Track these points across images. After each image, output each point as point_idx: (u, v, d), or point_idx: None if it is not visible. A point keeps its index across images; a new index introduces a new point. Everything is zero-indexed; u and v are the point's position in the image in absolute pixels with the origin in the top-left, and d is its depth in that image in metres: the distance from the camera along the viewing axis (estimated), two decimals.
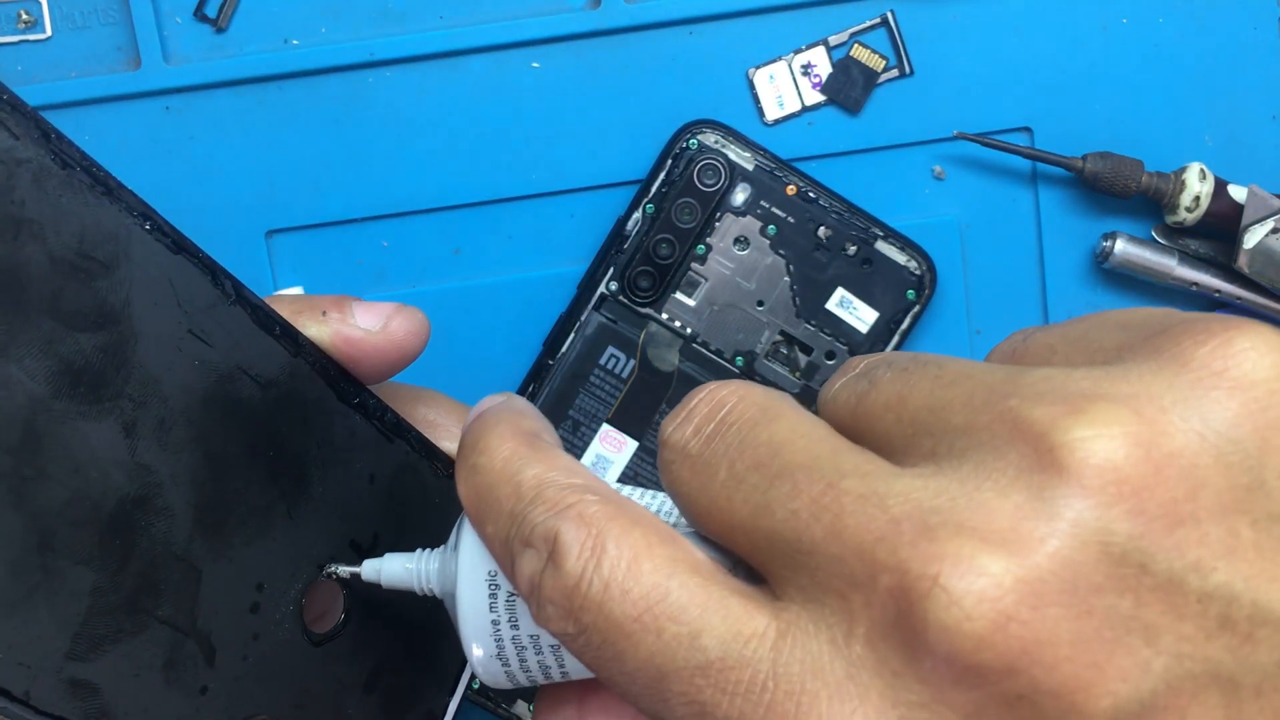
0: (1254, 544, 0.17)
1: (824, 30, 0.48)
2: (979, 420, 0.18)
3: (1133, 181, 0.47)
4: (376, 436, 0.29)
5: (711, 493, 0.20)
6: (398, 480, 0.30)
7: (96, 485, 0.23)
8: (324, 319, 0.28)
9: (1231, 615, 0.16)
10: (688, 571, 0.20)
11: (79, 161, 0.23)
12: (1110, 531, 0.17)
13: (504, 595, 0.24)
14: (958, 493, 0.18)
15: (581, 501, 0.21)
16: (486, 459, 0.23)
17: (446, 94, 0.48)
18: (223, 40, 0.48)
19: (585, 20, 0.48)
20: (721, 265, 0.47)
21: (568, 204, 0.49)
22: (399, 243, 0.49)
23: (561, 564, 0.20)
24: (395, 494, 0.30)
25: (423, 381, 0.50)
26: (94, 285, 0.23)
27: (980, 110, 0.48)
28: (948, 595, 0.17)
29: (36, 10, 0.47)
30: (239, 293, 0.26)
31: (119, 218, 0.24)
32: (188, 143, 0.48)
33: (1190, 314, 0.19)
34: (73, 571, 0.23)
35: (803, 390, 0.48)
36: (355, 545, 0.29)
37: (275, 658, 0.27)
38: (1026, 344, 0.21)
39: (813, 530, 0.18)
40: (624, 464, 0.48)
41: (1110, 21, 0.48)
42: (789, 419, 0.20)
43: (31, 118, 0.22)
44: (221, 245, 0.48)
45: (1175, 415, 0.17)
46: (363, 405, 0.29)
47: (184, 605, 0.25)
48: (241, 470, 0.26)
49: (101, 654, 0.23)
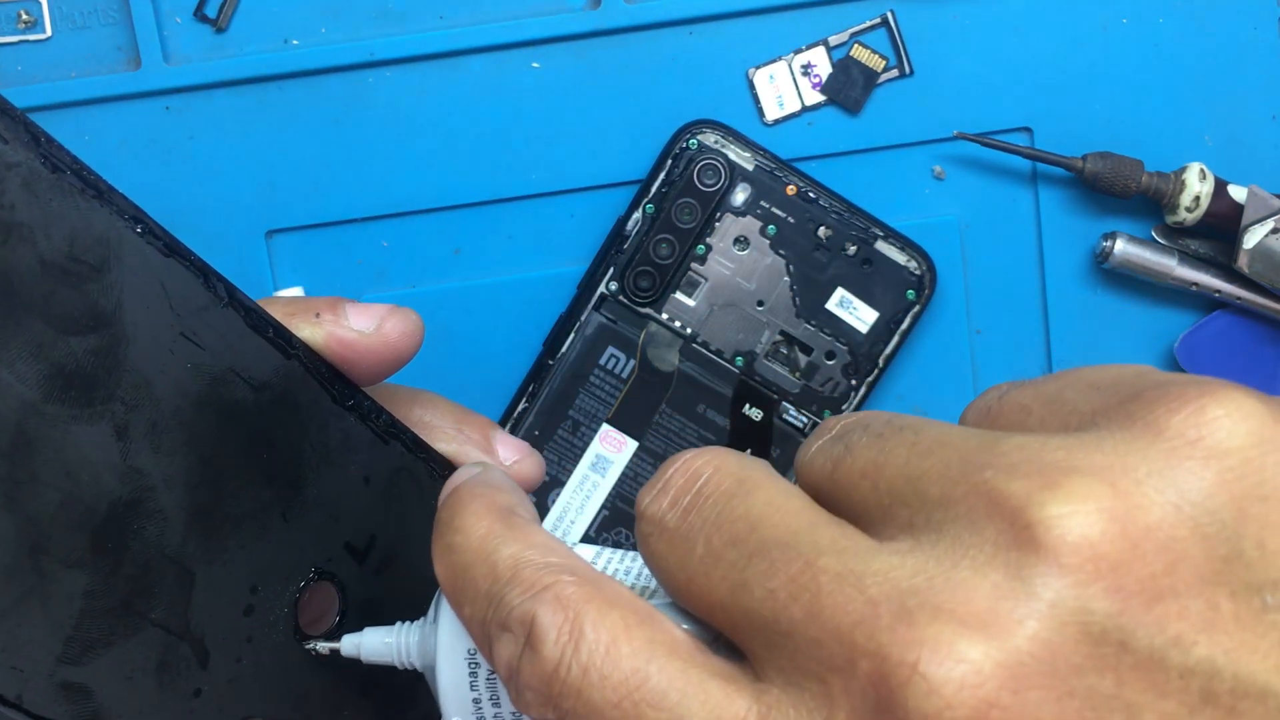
0: (1234, 616, 0.17)
1: (824, 30, 0.48)
2: (955, 493, 0.18)
3: (1133, 181, 0.47)
4: (371, 438, 0.29)
5: (689, 569, 0.20)
6: (393, 482, 0.29)
7: (89, 489, 0.23)
8: (317, 321, 0.28)
9: (1214, 689, 0.16)
10: (667, 654, 0.19)
11: (69, 165, 0.23)
12: (1089, 610, 0.17)
13: (485, 673, 0.24)
14: (935, 571, 0.17)
15: (558, 583, 0.20)
16: (462, 538, 0.23)
17: (446, 94, 0.48)
18: (223, 40, 0.48)
19: (585, 20, 0.48)
20: (721, 265, 0.47)
21: (568, 204, 0.49)
22: (399, 243, 0.49)
23: (539, 649, 0.20)
24: (391, 496, 0.29)
25: (423, 381, 0.50)
26: (85, 289, 0.23)
27: (980, 110, 0.48)
28: (927, 683, 0.17)
29: (36, 10, 0.47)
30: (231, 295, 0.26)
31: (110, 221, 0.24)
32: (188, 143, 0.48)
33: (1164, 376, 0.19)
34: (65, 575, 0.23)
35: (802, 390, 0.48)
36: (350, 548, 0.29)
37: (269, 660, 0.27)
38: (1001, 403, 0.21)
39: (790, 611, 0.18)
40: (624, 464, 0.48)
41: (1110, 21, 0.48)
42: (765, 490, 0.20)
43: (21, 121, 0.22)
44: (221, 245, 0.48)
45: (1150, 487, 0.17)
46: (357, 407, 0.29)
47: (177, 608, 0.25)
48: (235, 473, 0.26)
49: (94, 657, 0.23)
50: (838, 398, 0.48)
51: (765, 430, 0.48)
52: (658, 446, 0.48)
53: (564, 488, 0.48)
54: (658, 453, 0.48)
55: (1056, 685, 0.16)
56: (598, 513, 0.48)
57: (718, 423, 0.48)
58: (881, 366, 0.48)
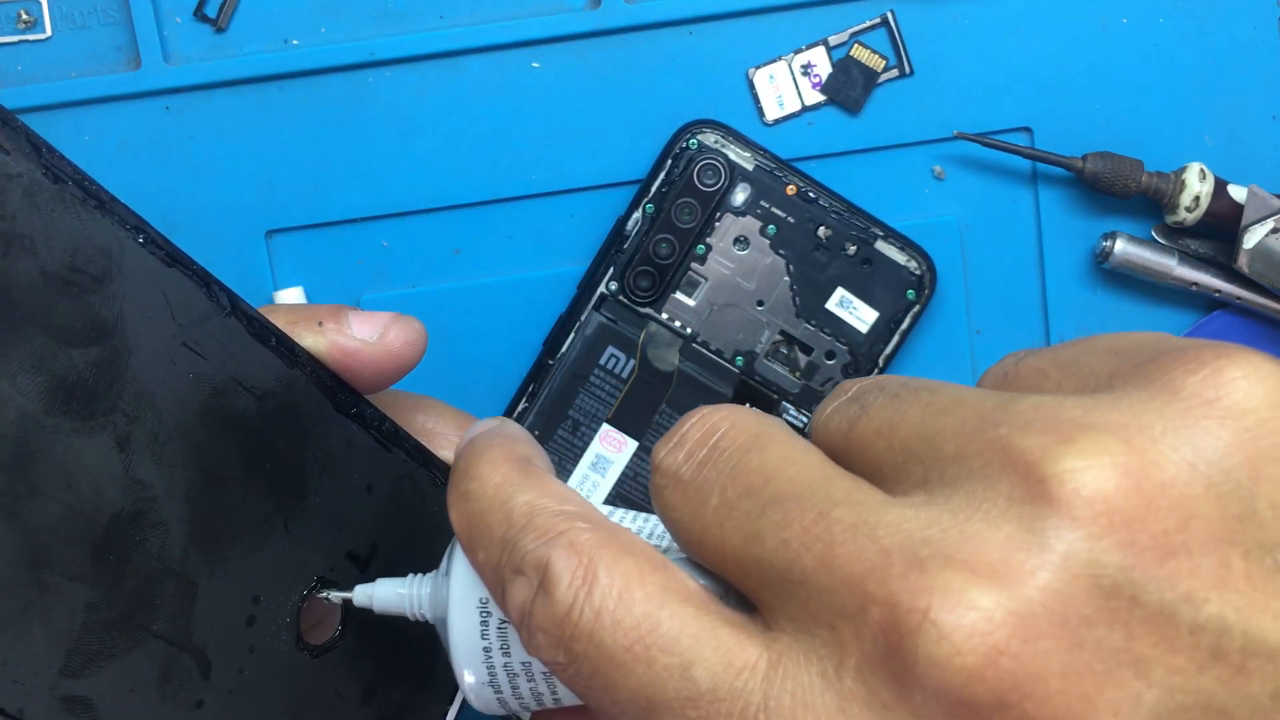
0: (1245, 575, 0.17)
1: (824, 30, 0.48)
2: (970, 448, 0.18)
3: (1133, 181, 0.47)
4: (374, 446, 0.29)
5: (703, 520, 0.20)
6: (396, 490, 0.29)
7: (90, 501, 0.23)
8: (320, 330, 0.28)
9: (1223, 646, 0.16)
10: (679, 601, 0.20)
11: (71, 175, 0.23)
12: (1101, 564, 0.17)
13: (495, 622, 0.24)
14: (948, 523, 0.18)
15: (573, 529, 0.21)
16: (478, 485, 0.23)
17: (446, 94, 0.48)
18: (223, 40, 0.48)
19: (585, 20, 0.48)
20: (721, 265, 0.47)
21: (568, 204, 0.49)
22: (399, 243, 0.49)
23: (552, 592, 0.20)
24: (394, 503, 0.29)
25: (423, 381, 0.50)
26: (87, 300, 0.23)
27: (980, 110, 0.48)
28: (938, 629, 0.17)
29: (36, 10, 0.47)
30: (234, 304, 0.26)
31: (112, 231, 0.24)
32: (188, 142, 0.48)
33: (1181, 340, 0.19)
34: (67, 588, 0.23)
35: (802, 390, 0.48)
36: (353, 556, 0.29)
37: (272, 670, 0.27)
38: (1018, 368, 0.21)
39: (803, 560, 0.18)
40: (624, 464, 0.48)
41: (1110, 21, 0.48)
42: (781, 445, 0.20)
43: (23, 132, 0.22)
44: (221, 245, 0.48)
45: (1166, 445, 0.17)
46: (360, 415, 0.29)
47: (179, 619, 0.25)
48: (237, 483, 0.26)
49: (96, 670, 0.23)
50: None
51: None
52: (650, 470, 0.48)
53: None
54: None
55: (1067, 636, 0.16)
56: None
57: None
58: (881, 366, 0.48)
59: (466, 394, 0.49)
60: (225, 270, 0.48)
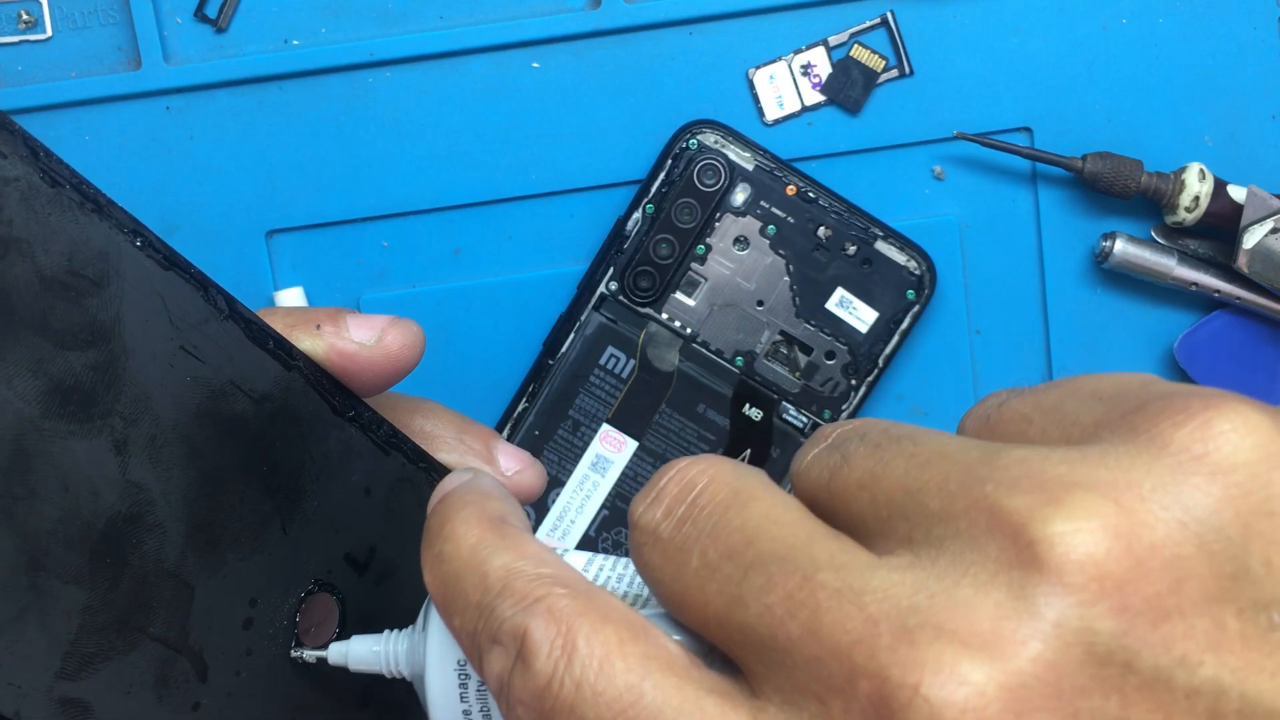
0: (1240, 635, 0.16)
1: (824, 30, 0.48)
2: (955, 507, 0.18)
3: (1132, 181, 0.47)
4: (372, 449, 0.29)
5: (684, 581, 0.20)
6: (394, 493, 0.29)
7: (87, 504, 0.23)
8: (318, 333, 0.28)
9: (1220, 709, 0.16)
10: (662, 670, 0.19)
11: (68, 179, 0.23)
12: (1094, 630, 0.16)
13: (474, 685, 0.24)
14: (936, 589, 0.17)
15: (550, 595, 0.20)
16: (452, 546, 0.22)
17: (446, 94, 0.48)
18: (223, 40, 0.48)
19: (585, 20, 0.48)
20: (721, 265, 0.48)
21: (568, 204, 0.49)
22: (399, 243, 0.49)
23: (531, 663, 0.19)
24: (392, 506, 0.29)
25: (423, 382, 0.50)
26: (84, 303, 0.23)
27: (980, 110, 0.48)
28: (930, 705, 0.16)
29: (37, 10, 0.47)
30: (231, 307, 0.26)
31: (109, 234, 0.24)
32: (188, 143, 0.48)
33: (1168, 386, 0.18)
34: (63, 590, 0.23)
35: (802, 390, 0.48)
36: (351, 559, 0.29)
37: (269, 673, 0.27)
38: (1001, 411, 0.20)
39: (788, 628, 0.18)
40: (624, 464, 0.48)
41: (1110, 21, 0.48)
42: (762, 502, 0.20)
43: (20, 135, 0.22)
44: (222, 245, 0.48)
45: (1155, 504, 0.17)
46: (358, 418, 0.29)
47: (176, 622, 0.25)
48: (235, 486, 0.26)
49: (93, 672, 0.23)
50: (837, 398, 0.48)
51: (765, 430, 0.48)
52: (658, 446, 0.48)
53: (564, 488, 0.48)
54: (658, 453, 0.48)
55: (1061, 707, 0.16)
56: (598, 512, 0.48)
57: (718, 423, 0.48)
58: (881, 366, 0.48)
59: (466, 394, 0.49)
60: (225, 270, 0.48)
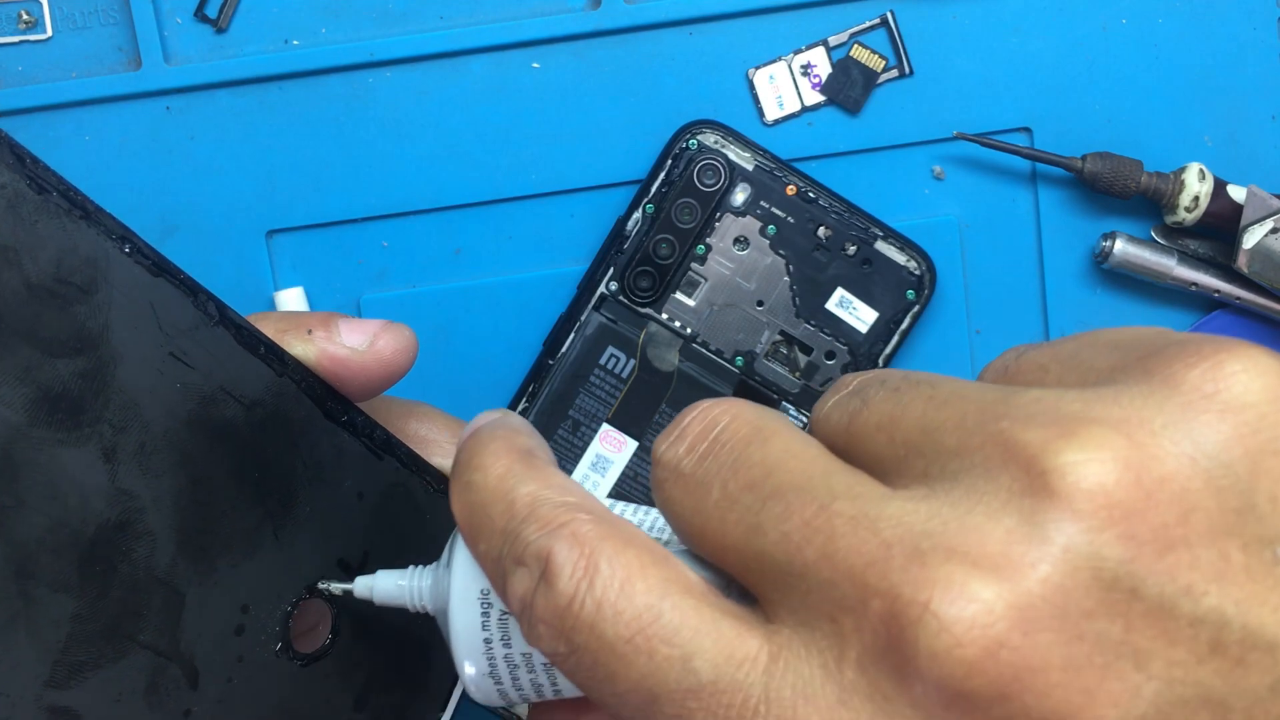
0: (1245, 568, 0.17)
1: (824, 30, 0.48)
2: (971, 442, 0.18)
3: (1132, 182, 0.47)
4: (365, 454, 0.29)
5: (704, 513, 0.20)
6: (388, 497, 0.29)
7: (76, 512, 0.23)
8: (309, 338, 0.28)
9: (1223, 639, 0.17)
10: (680, 593, 0.20)
11: (55, 185, 0.23)
12: (1101, 556, 0.17)
13: (496, 613, 0.24)
14: (949, 516, 0.18)
15: (575, 520, 0.21)
16: (480, 476, 0.23)
17: (447, 94, 0.48)
18: (223, 41, 0.48)
19: (585, 21, 0.48)
20: (721, 265, 0.48)
21: (568, 204, 0.49)
22: (399, 243, 0.49)
23: (554, 583, 0.20)
24: (385, 511, 0.29)
25: (423, 382, 0.50)
26: (72, 310, 0.23)
27: (980, 110, 0.48)
28: (939, 621, 0.17)
29: (37, 10, 0.47)
30: (222, 313, 0.26)
31: (97, 241, 0.24)
32: (188, 143, 0.48)
33: (1182, 335, 0.19)
34: (52, 599, 0.23)
35: (802, 390, 0.48)
36: (343, 564, 0.28)
37: (261, 679, 0.27)
38: (1019, 362, 0.21)
39: (804, 553, 0.18)
40: (624, 464, 0.48)
41: (1110, 21, 0.48)
42: (782, 438, 0.20)
43: (5, 142, 0.22)
44: (222, 245, 0.48)
45: (1166, 439, 0.17)
46: (350, 423, 0.29)
47: (167, 629, 0.25)
48: (226, 492, 0.26)
49: (82, 680, 0.23)
50: None
51: None
52: (651, 464, 0.48)
53: None
54: None
55: (1067, 628, 0.17)
56: None
57: None
58: (881, 366, 0.48)
59: (466, 394, 0.49)
60: (225, 270, 0.48)
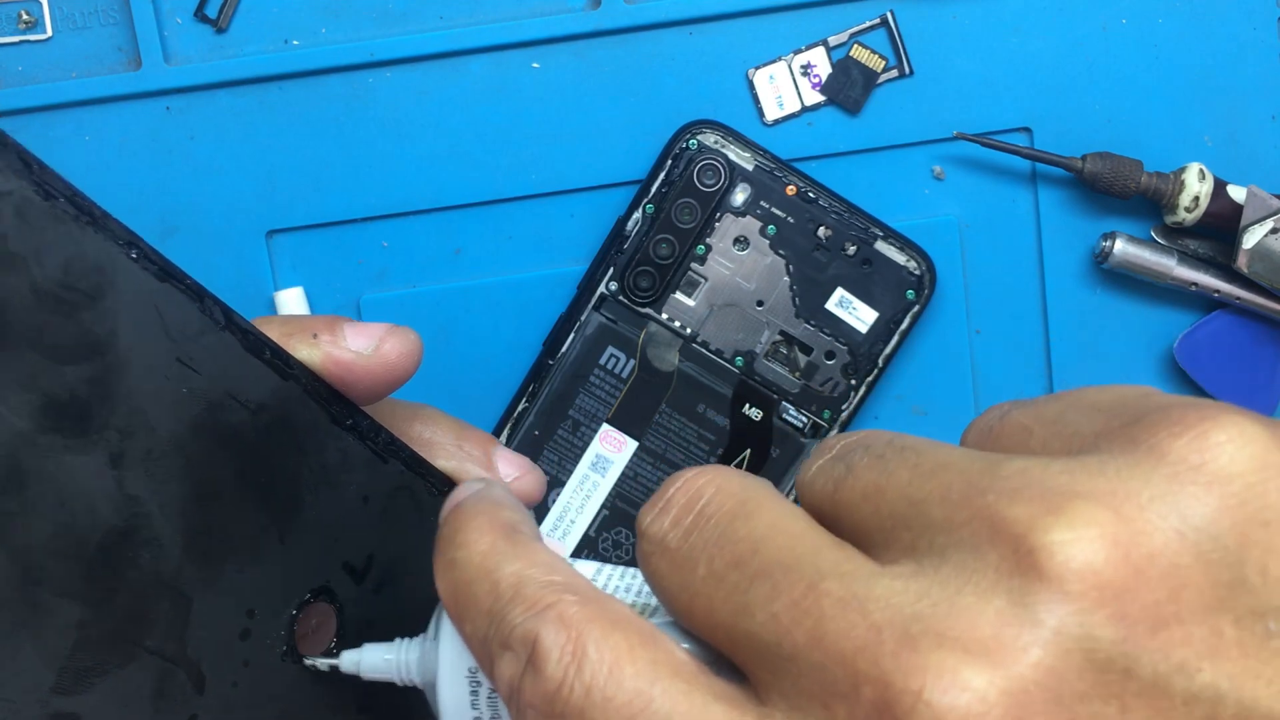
0: (1237, 642, 0.17)
1: (824, 31, 0.48)
2: (958, 516, 0.18)
3: (1132, 182, 0.47)
4: (370, 457, 0.29)
5: (691, 590, 0.20)
6: (392, 500, 0.29)
7: (83, 518, 0.23)
8: (315, 342, 0.28)
9: (1218, 715, 0.16)
10: (670, 676, 0.19)
11: (63, 191, 0.23)
12: (1093, 638, 0.17)
13: (486, 691, 0.24)
14: (938, 596, 0.17)
15: (561, 602, 0.20)
16: (464, 554, 0.23)
17: (447, 94, 0.48)
18: (223, 41, 0.48)
19: (585, 21, 0.48)
20: (721, 265, 0.48)
21: (568, 204, 0.49)
22: (399, 243, 0.49)
23: (541, 669, 0.20)
24: (390, 514, 0.29)
25: (424, 381, 0.50)
26: (79, 317, 0.23)
27: (980, 110, 0.48)
28: (932, 711, 0.17)
29: (37, 11, 0.47)
30: (229, 318, 0.26)
31: (104, 247, 0.24)
32: (188, 143, 0.48)
33: (1166, 398, 0.19)
34: (58, 605, 0.23)
35: (802, 390, 0.48)
36: (349, 568, 0.28)
37: (267, 684, 0.27)
38: (1003, 423, 0.21)
39: (794, 635, 0.18)
40: (624, 464, 0.48)
41: (1110, 21, 0.48)
42: (768, 512, 0.20)
43: (13, 149, 0.22)
44: (222, 245, 0.48)
45: (1153, 513, 0.17)
46: (355, 427, 0.29)
47: (173, 635, 0.25)
48: (232, 497, 0.26)
49: (88, 687, 0.23)
50: (837, 398, 0.48)
51: (765, 430, 0.48)
52: (658, 446, 0.48)
53: (564, 487, 0.48)
54: (658, 453, 0.48)
55: (1061, 712, 0.16)
56: (598, 512, 0.49)
57: (718, 423, 0.48)
58: (881, 366, 0.48)
59: (466, 394, 0.49)
60: (226, 271, 0.48)
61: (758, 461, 0.48)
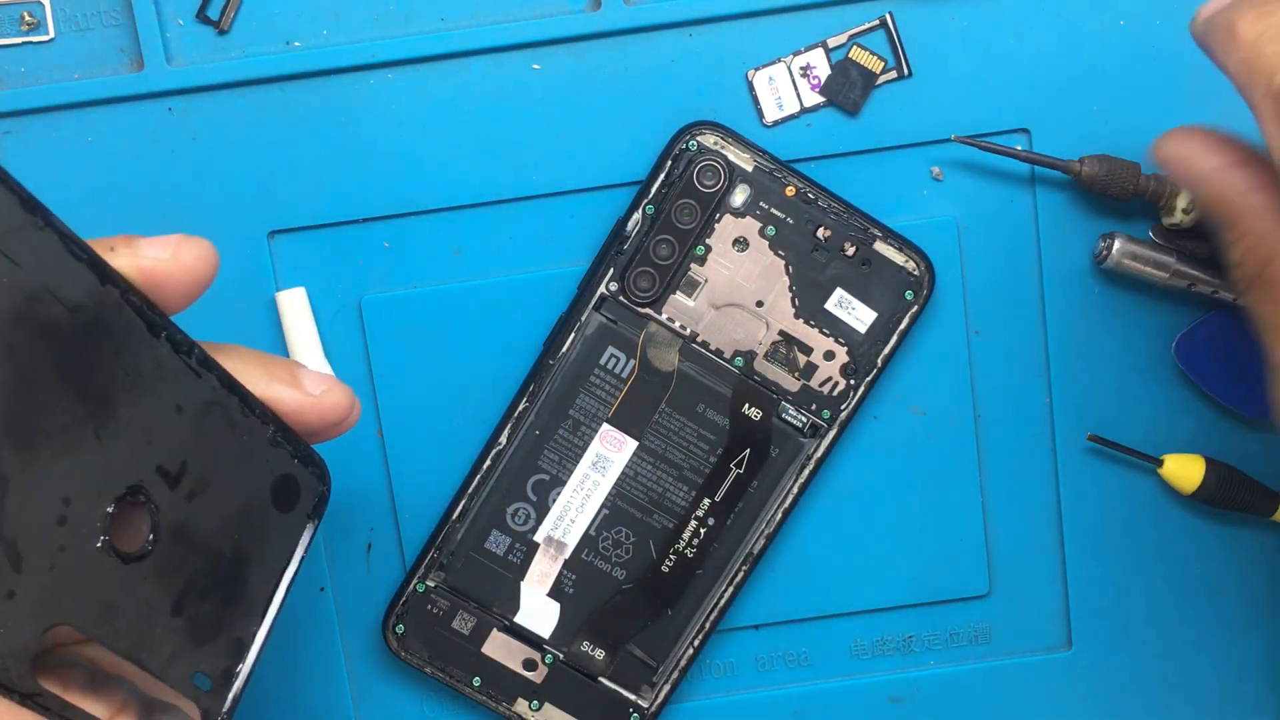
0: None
1: (823, 32, 0.48)
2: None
3: (1130, 184, 0.47)
4: (184, 370, 0.30)
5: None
6: (205, 414, 0.31)
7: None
8: (114, 254, 0.30)
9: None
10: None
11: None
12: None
13: None
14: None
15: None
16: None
17: (447, 95, 0.48)
18: (225, 42, 0.48)
19: (585, 22, 0.48)
20: (721, 266, 0.48)
21: (568, 205, 0.49)
22: (400, 243, 0.49)
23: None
24: (202, 426, 0.31)
25: (423, 381, 0.50)
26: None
27: (978, 111, 0.48)
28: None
29: (39, 12, 0.47)
30: (48, 220, 0.27)
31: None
32: (190, 144, 0.48)
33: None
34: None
35: (801, 390, 0.48)
36: (163, 471, 0.30)
37: (81, 571, 0.28)
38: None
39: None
40: (624, 463, 0.48)
41: (1109, 23, 0.48)
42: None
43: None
44: (224, 245, 0.48)
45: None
46: (171, 339, 0.30)
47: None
48: (51, 387, 0.27)
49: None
50: (837, 398, 0.48)
51: (764, 430, 0.48)
52: (658, 446, 0.48)
53: (564, 487, 0.48)
54: (658, 453, 0.48)
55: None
56: (598, 511, 0.49)
57: (718, 423, 0.48)
58: (880, 367, 0.48)
59: (466, 394, 0.49)
60: (227, 271, 0.48)
61: (757, 462, 0.48)
